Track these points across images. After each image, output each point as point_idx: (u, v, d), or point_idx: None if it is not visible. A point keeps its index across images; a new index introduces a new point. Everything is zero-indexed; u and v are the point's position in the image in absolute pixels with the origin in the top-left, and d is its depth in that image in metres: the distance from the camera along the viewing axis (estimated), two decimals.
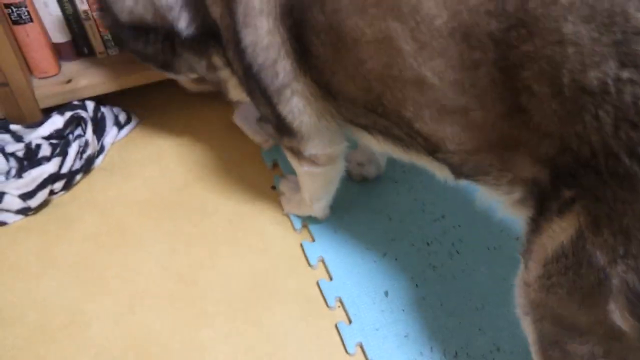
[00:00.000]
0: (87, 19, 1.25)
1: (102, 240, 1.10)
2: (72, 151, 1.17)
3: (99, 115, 1.28)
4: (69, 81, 1.26)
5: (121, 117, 1.33)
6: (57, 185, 1.15)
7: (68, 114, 1.21)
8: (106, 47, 1.31)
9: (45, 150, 1.18)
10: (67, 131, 1.22)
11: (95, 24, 1.26)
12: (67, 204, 1.17)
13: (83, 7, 1.23)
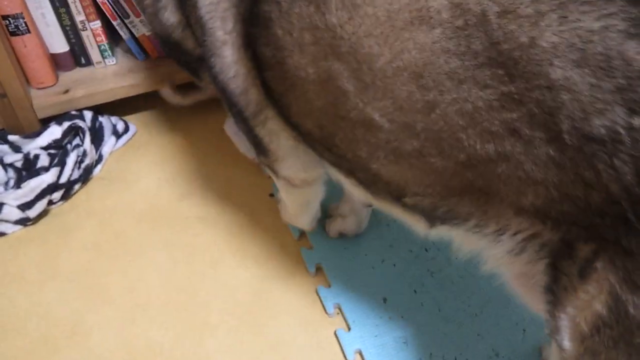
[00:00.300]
0: (84, 29, 1.26)
1: (102, 249, 1.10)
2: (71, 161, 1.17)
3: (97, 124, 1.29)
4: (66, 91, 1.26)
5: (119, 126, 1.33)
6: (56, 195, 1.16)
7: (66, 124, 1.22)
8: (103, 57, 1.32)
9: (44, 161, 1.18)
10: (65, 141, 1.22)
11: (92, 34, 1.27)
12: (66, 213, 1.17)
13: (80, 17, 1.23)
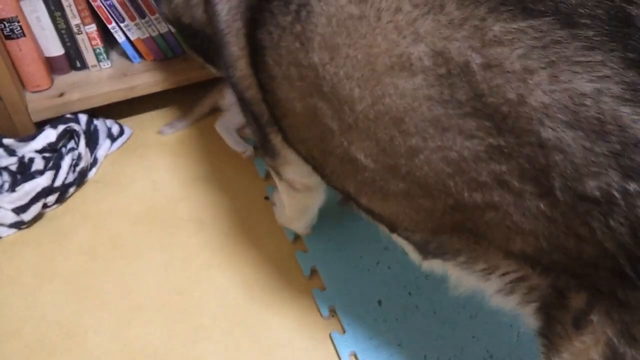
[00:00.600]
0: (80, 32, 1.26)
1: (97, 253, 1.10)
2: (65, 164, 1.17)
3: (92, 128, 1.29)
4: (61, 94, 1.26)
5: (114, 129, 1.33)
6: (51, 198, 1.16)
7: (61, 127, 1.22)
8: (98, 61, 1.32)
9: (39, 164, 1.18)
10: (60, 144, 1.22)
11: (88, 37, 1.27)
12: (61, 217, 1.17)
13: (75, 21, 1.24)
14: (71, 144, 1.24)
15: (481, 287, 0.60)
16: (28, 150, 1.20)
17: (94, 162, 1.27)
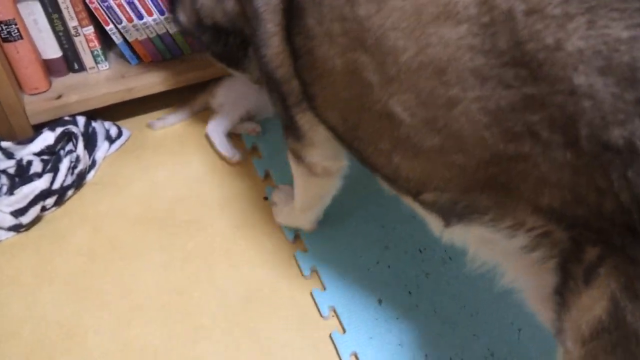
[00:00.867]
0: (77, 35, 1.26)
1: (96, 255, 1.09)
2: (64, 167, 1.17)
3: (90, 130, 1.29)
4: (59, 97, 1.26)
5: (112, 131, 1.33)
6: (49, 201, 1.15)
7: (59, 129, 1.22)
8: (96, 63, 1.32)
9: (37, 167, 1.18)
10: (58, 147, 1.22)
11: (85, 39, 1.27)
12: (59, 219, 1.16)
13: (73, 23, 1.23)
14: (69, 146, 1.24)
15: (504, 247, 0.61)
16: (26, 153, 1.19)
17: (93, 164, 1.27)
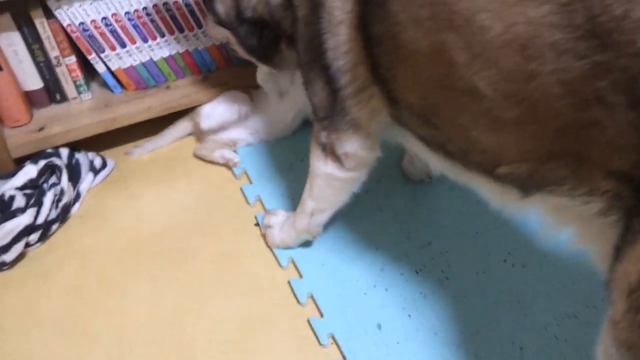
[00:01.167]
0: (59, 65, 1.23)
1: (83, 291, 1.06)
2: (48, 201, 1.14)
3: (74, 161, 1.26)
4: (41, 129, 1.23)
5: (96, 162, 1.30)
6: (33, 237, 1.12)
7: (42, 162, 1.18)
8: (79, 92, 1.29)
9: (20, 202, 1.14)
10: (41, 180, 1.18)
11: (67, 69, 1.25)
12: (44, 255, 1.13)
13: (54, 53, 1.21)
14: (53, 179, 1.20)
15: (578, 213, 0.66)
16: (8, 187, 1.16)
17: (77, 196, 1.23)
